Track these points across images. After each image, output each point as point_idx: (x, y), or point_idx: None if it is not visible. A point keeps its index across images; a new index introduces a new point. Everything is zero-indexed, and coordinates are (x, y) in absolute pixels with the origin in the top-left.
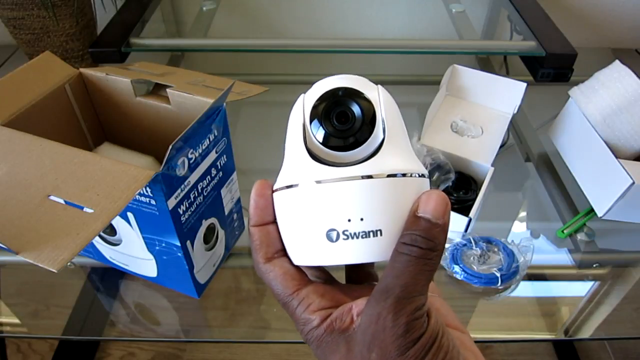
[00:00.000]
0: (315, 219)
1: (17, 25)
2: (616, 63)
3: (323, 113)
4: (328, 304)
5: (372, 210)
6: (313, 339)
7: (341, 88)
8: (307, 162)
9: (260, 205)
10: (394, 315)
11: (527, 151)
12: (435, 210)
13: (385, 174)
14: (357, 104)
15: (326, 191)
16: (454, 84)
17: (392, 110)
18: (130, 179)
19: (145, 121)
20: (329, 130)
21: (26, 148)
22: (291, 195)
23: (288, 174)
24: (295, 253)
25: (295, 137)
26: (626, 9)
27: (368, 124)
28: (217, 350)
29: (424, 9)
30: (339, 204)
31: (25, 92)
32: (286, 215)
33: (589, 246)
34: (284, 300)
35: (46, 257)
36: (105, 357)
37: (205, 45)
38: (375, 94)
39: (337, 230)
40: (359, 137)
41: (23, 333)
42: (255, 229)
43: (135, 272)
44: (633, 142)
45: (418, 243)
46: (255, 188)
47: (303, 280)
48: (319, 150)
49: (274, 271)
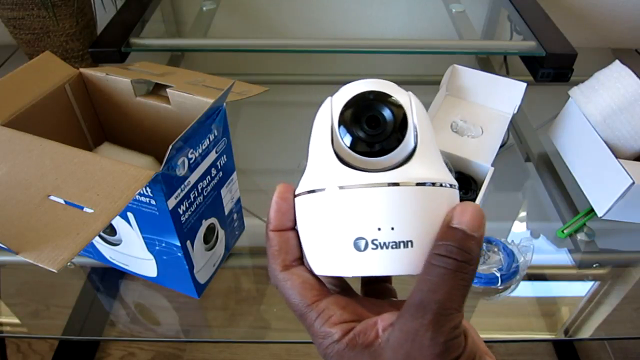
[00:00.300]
0: (343, 226)
1: (17, 25)
2: (616, 63)
3: (353, 116)
4: (350, 317)
5: (404, 219)
6: (333, 354)
7: (372, 92)
8: (335, 166)
9: (283, 209)
10: (432, 333)
11: (527, 151)
12: (471, 222)
13: (419, 182)
14: (388, 108)
15: (357, 197)
16: (454, 84)
17: (423, 118)
18: (130, 179)
19: (145, 121)
20: (359, 135)
21: (26, 148)
22: (317, 199)
23: (313, 178)
24: (317, 262)
25: (322, 140)
26: (626, 9)
27: (399, 130)
28: (217, 350)
29: (424, 9)
30: (370, 211)
31: (25, 92)
32: (310, 221)
33: (589, 246)
34: (301, 312)
35: (46, 257)
36: (105, 357)
37: (205, 45)
38: (406, 100)
39: (366, 239)
40: (390, 143)
41: (23, 333)
42: (275, 234)
43: (135, 272)
44: (633, 142)
45: (454, 255)
46: (278, 191)
47: (323, 291)
48: (347, 155)
49: (291, 280)
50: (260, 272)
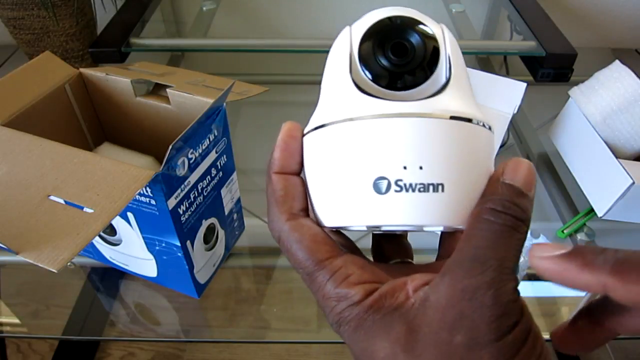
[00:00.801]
0: (361, 164)
1: (17, 25)
2: (616, 63)
3: (377, 43)
4: (370, 278)
5: (435, 158)
6: (350, 319)
7: (399, 16)
8: (353, 95)
9: (291, 148)
10: (495, 291)
11: (527, 151)
12: (526, 181)
13: (454, 115)
14: (418, 35)
15: (379, 128)
16: None
17: (457, 51)
18: (130, 179)
19: (145, 121)
20: (383, 64)
21: (26, 148)
22: (330, 133)
23: (326, 112)
24: (327, 211)
25: (338, 69)
26: (626, 9)
27: (430, 60)
28: (217, 350)
29: (424, 9)
30: (395, 146)
31: (25, 92)
32: (321, 161)
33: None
34: (309, 270)
35: (46, 257)
36: (105, 357)
37: (205, 45)
38: (438, 30)
39: (388, 179)
40: (420, 74)
41: (23, 333)
42: (280, 176)
43: (135, 272)
44: (633, 142)
45: (512, 211)
46: (286, 129)
47: (336, 248)
48: (369, 88)
49: (300, 231)
50: (260, 272)
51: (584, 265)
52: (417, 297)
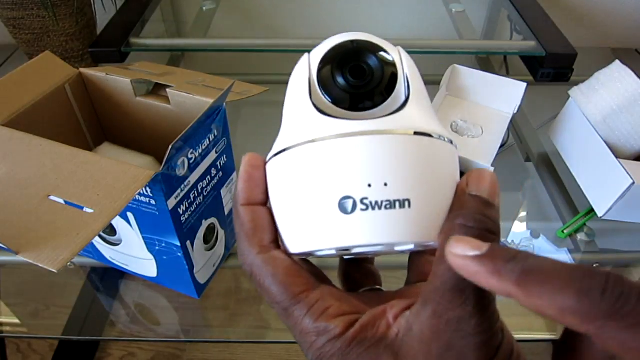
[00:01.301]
0: (325, 184)
1: (17, 25)
2: (616, 63)
3: (335, 66)
4: (350, 310)
5: (399, 173)
6: (332, 353)
7: (356, 40)
8: (314, 118)
9: (255, 178)
10: (478, 319)
11: (527, 151)
12: (491, 190)
13: (415, 130)
14: (375, 57)
15: (340, 147)
16: (454, 84)
17: (414, 70)
18: (130, 179)
19: (145, 121)
20: (342, 86)
21: (26, 148)
22: (292, 157)
23: (287, 137)
24: (294, 236)
25: (297, 95)
26: (626, 9)
27: (388, 80)
28: (217, 350)
29: (424, 9)
30: (358, 164)
31: (25, 92)
32: (285, 187)
33: (589, 246)
34: (285, 305)
35: (46, 257)
36: (106, 357)
37: (205, 45)
38: (395, 52)
39: (353, 197)
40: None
41: (23, 333)
42: (247, 209)
43: (135, 272)
44: (633, 142)
45: (483, 225)
46: (246, 159)
47: (311, 280)
48: (329, 109)
49: (273, 265)
50: None
51: (493, 271)
52: (400, 326)
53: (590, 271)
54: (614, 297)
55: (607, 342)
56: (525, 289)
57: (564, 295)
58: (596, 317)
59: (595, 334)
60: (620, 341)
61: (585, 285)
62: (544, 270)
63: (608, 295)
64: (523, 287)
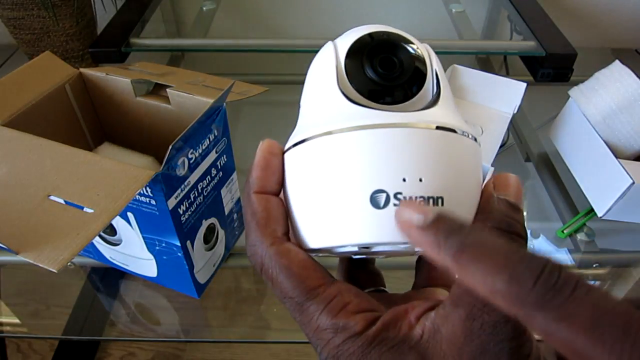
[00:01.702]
0: (358, 176)
1: (17, 25)
2: (616, 63)
3: (365, 57)
4: (369, 306)
5: (434, 170)
6: (352, 352)
7: (385, 32)
8: (343, 106)
9: (272, 167)
10: (515, 323)
11: (527, 151)
12: (517, 195)
13: (453, 128)
14: (407, 50)
15: (378, 138)
16: (453, 84)
17: (441, 68)
18: (131, 179)
19: (145, 121)
20: (372, 77)
21: (26, 148)
22: (320, 146)
23: (310, 126)
24: (315, 230)
25: (323, 82)
26: (626, 9)
27: (419, 75)
28: (217, 350)
29: (424, 9)
30: (393, 157)
31: (25, 92)
32: (308, 177)
33: (589, 246)
34: (299, 299)
35: (46, 257)
36: (106, 357)
37: (205, 45)
38: (423, 48)
39: (387, 192)
40: (410, 88)
41: (23, 333)
42: (261, 197)
43: (135, 272)
44: (633, 142)
45: (514, 229)
46: (265, 145)
47: (327, 274)
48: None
49: (287, 257)
50: None
51: (433, 243)
52: (424, 327)
53: (528, 257)
54: (546, 287)
55: (533, 328)
56: (460, 265)
57: (495, 278)
58: (524, 304)
59: (523, 319)
60: (546, 331)
61: (518, 271)
62: (482, 249)
63: (539, 284)
64: (458, 263)
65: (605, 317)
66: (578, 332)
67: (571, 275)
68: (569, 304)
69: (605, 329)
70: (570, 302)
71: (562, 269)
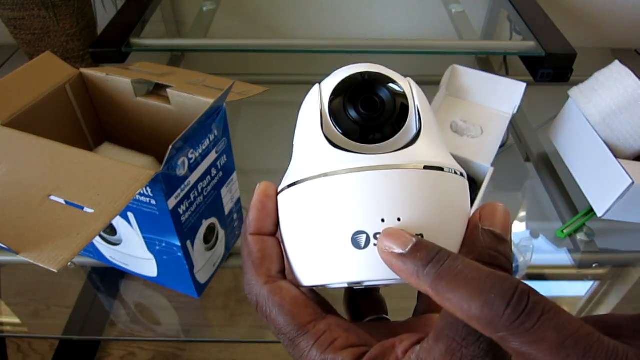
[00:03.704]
0: (338, 219)
1: (17, 26)
2: (616, 63)
3: (347, 98)
4: (357, 341)
5: (412, 209)
6: None
7: (367, 72)
8: (326, 151)
9: (268, 209)
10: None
11: (527, 151)
12: (504, 226)
13: (428, 165)
14: (387, 89)
15: (354, 182)
16: (453, 84)
17: (425, 102)
18: (131, 179)
19: (145, 121)
20: (354, 118)
21: (26, 148)
22: (305, 190)
23: (299, 169)
24: (306, 269)
25: (309, 127)
26: (626, 9)
27: (400, 113)
28: (217, 350)
29: (424, 9)
30: (372, 199)
31: (25, 92)
32: (297, 219)
33: (588, 246)
34: (291, 335)
35: (46, 257)
36: (106, 356)
37: (205, 45)
38: (405, 83)
39: (367, 232)
40: (391, 127)
41: (23, 333)
42: (256, 238)
43: (136, 272)
44: (633, 142)
45: (498, 262)
46: (262, 188)
47: (318, 310)
48: (341, 142)
49: (280, 294)
50: None
51: (412, 272)
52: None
53: (500, 282)
54: (516, 313)
55: (509, 350)
56: (438, 292)
57: (470, 304)
58: (497, 329)
59: (498, 341)
60: (518, 352)
61: (490, 297)
62: (458, 277)
63: (510, 310)
64: (436, 291)
65: (569, 340)
66: (545, 354)
67: (539, 299)
68: (537, 328)
69: (570, 351)
70: (539, 327)
71: (530, 294)
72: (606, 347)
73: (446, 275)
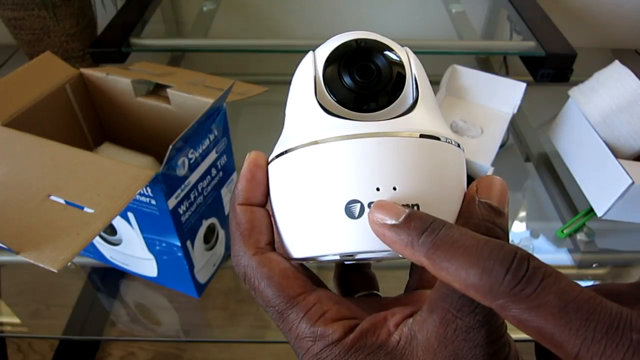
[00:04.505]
0: (331, 188)
1: (17, 26)
2: (616, 63)
3: (342, 65)
4: (348, 314)
5: (409, 177)
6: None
7: (363, 39)
8: (319, 118)
9: (257, 178)
10: (488, 330)
11: (527, 151)
12: (501, 198)
13: (425, 133)
14: (383, 56)
15: (348, 149)
16: (453, 84)
17: (422, 72)
18: (131, 179)
19: (145, 121)
20: (349, 85)
21: (26, 148)
22: (297, 158)
23: (290, 137)
24: (297, 241)
25: (302, 94)
26: (626, 9)
27: (396, 81)
28: (217, 350)
29: (424, 9)
30: (367, 167)
31: (25, 92)
32: (287, 189)
33: (588, 246)
34: (280, 308)
35: (46, 257)
36: (106, 357)
37: (205, 45)
38: (402, 52)
39: (361, 201)
40: (387, 95)
41: (23, 333)
42: (245, 208)
43: (136, 272)
44: (633, 142)
45: (494, 234)
46: (251, 158)
47: (308, 283)
48: (336, 111)
49: (269, 266)
50: None
51: (406, 243)
52: (401, 334)
53: (498, 249)
54: (516, 278)
55: (508, 318)
56: (434, 262)
57: (468, 272)
58: (497, 296)
59: (497, 310)
60: (519, 320)
61: (489, 264)
62: (454, 245)
63: (510, 276)
64: (432, 260)
65: (571, 304)
66: (547, 319)
67: (539, 264)
68: (538, 293)
69: (572, 315)
70: (540, 292)
71: (530, 259)
72: (609, 310)
73: (442, 243)
